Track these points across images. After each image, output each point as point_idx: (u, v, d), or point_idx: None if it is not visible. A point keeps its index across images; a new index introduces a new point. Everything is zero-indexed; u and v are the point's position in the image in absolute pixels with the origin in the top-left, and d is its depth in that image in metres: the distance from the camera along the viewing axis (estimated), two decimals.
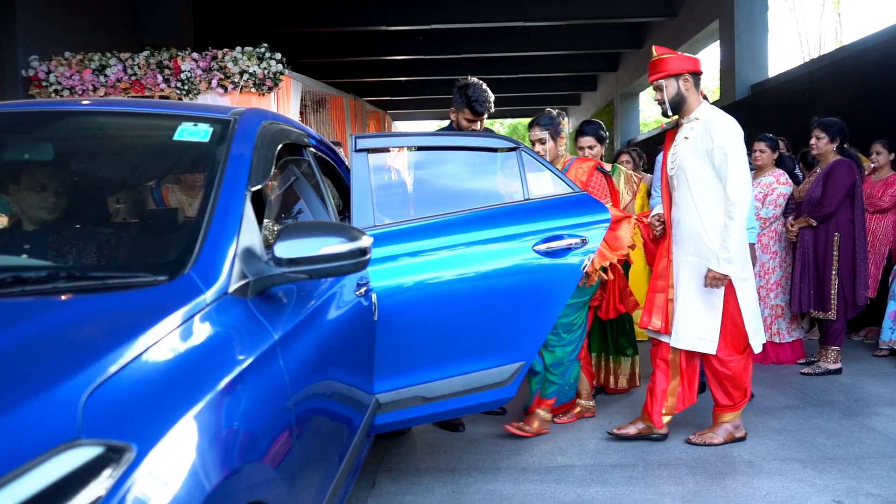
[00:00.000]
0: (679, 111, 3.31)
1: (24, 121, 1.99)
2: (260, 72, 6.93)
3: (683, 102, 3.27)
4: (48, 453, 0.86)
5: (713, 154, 3.15)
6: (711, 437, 3.37)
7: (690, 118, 3.29)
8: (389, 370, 2.62)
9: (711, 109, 3.29)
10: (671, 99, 3.27)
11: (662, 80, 3.27)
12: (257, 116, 2.10)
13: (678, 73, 3.24)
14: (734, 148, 3.13)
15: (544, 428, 3.53)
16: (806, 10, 30.30)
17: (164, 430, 1.01)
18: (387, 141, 3.06)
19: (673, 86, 3.26)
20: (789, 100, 8.26)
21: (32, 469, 0.84)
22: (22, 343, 1.04)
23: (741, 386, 3.33)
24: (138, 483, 0.93)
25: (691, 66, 3.27)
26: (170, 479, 0.98)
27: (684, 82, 3.26)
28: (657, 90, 3.31)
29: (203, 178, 3.33)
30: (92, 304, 1.24)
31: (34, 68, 7.00)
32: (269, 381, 1.38)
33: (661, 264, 3.37)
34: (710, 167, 3.17)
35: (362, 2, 11.28)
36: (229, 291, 1.42)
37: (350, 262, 1.64)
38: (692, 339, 3.25)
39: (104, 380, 0.99)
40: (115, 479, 0.90)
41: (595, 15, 11.73)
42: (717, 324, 3.22)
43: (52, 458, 0.86)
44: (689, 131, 3.28)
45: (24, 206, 1.80)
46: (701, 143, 3.20)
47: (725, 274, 3.13)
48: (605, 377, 4.28)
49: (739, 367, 3.28)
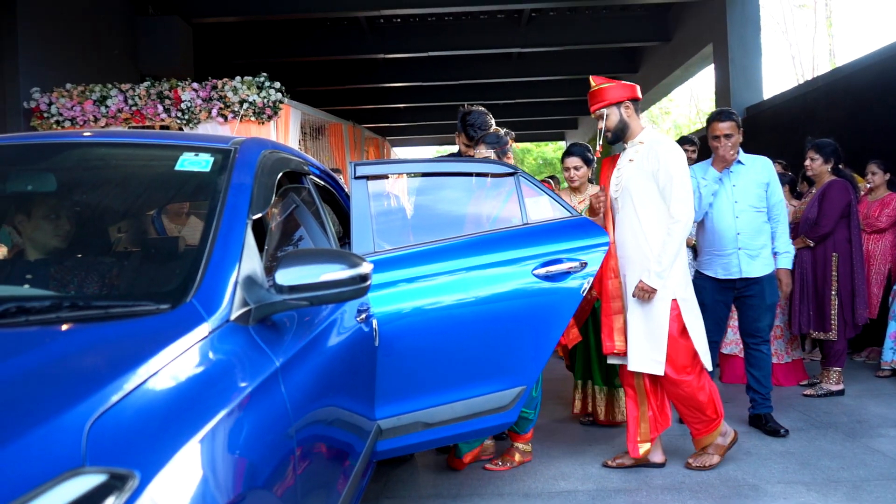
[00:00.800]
0: (622, 138, 3.37)
1: (29, 153, 2.02)
2: (259, 101, 6.99)
3: (626, 129, 3.34)
4: (53, 481, 0.87)
5: (658, 175, 3.20)
6: (708, 459, 3.33)
7: (634, 142, 3.35)
8: (391, 396, 2.61)
9: (655, 133, 3.38)
10: (615, 127, 3.33)
11: (604, 110, 3.33)
12: (257, 145, 2.13)
13: (619, 102, 3.31)
14: (679, 169, 3.19)
15: (526, 457, 3.47)
16: (798, 33, 30.62)
17: (167, 458, 1.01)
18: (386, 168, 3.09)
19: (615, 114, 3.32)
20: (785, 121, 8.33)
21: (37, 497, 0.85)
22: (26, 372, 1.05)
23: (701, 406, 3.27)
24: None
25: (631, 94, 3.34)
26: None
27: (625, 109, 3.32)
28: (599, 119, 3.36)
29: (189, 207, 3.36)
30: (95, 333, 1.25)
31: (36, 100, 7.07)
32: (271, 408, 1.39)
33: (612, 285, 3.35)
34: (655, 189, 3.22)
35: (360, 30, 11.42)
36: (231, 319, 1.43)
37: (351, 289, 1.65)
38: (644, 361, 3.23)
39: (108, 408, 1.00)
40: None
41: (591, 40, 11.87)
42: (664, 344, 3.19)
43: (56, 486, 0.87)
44: (634, 154, 3.32)
45: (33, 235, 1.81)
46: (647, 164, 3.24)
47: (654, 287, 3.14)
48: (592, 407, 4.14)
49: (693, 388, 3.23)
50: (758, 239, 3.82)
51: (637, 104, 3.37)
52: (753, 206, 3.81)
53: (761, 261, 3.82)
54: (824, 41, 23.00)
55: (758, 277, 3.81)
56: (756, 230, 3.82)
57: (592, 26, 11.63)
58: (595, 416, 4.14)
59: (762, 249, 3.83)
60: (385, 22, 11.51)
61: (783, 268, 3.92)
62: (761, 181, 3.83)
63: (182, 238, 2.30)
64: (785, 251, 3.91)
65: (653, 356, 3.21)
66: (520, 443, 3.49)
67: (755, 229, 3.82)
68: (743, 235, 3.80)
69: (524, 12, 10.87)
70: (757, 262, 3.81)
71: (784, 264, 3.91)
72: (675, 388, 3.25)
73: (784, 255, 3.91)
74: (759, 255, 3.82)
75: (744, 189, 3.81)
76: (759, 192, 3.82)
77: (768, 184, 3.84)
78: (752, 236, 3.81)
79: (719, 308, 3.92)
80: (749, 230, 3.80)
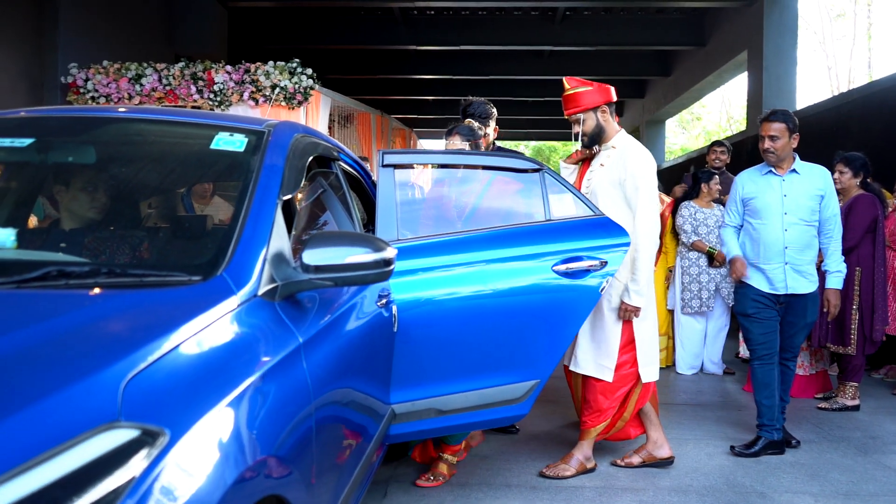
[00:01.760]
0: (598, 142, 3.35)
1: (71, 125, 2.09)
2: (291, 86, 7.07)
3: (602, 133, 3.33)
4: (90, 432, 0.93)
5: (625, 184, 3.20)
6: (564, 469, 3.28)
7: (608, 146, 3.34)
8: (406, 381, 2.66)
9: (628, 139, 3.35)
10: (591, 132, 3.32)
11: (581, 114, 3.31)
12: (290, 129, 2.18)
13: (596, 107, 3.30)
14: (646, 181, 3.19)
15: (453, 470, 3.29)
16: (836, 44, 30.18)
17: (195, 419, 1.07)
18: (413, 157, 3.13)
19: (592, 118, 3.31)
20: (817, 132, 8.24)
21: (75, 446, 0.90)
22: (67, 331, 1.11)
23: (601, 406, 3.27)
24: (169, 466, 0.99)
25: (607, 97, 3.32)
26: (198, 465, 1.04)
27: (602, 114, 3.31)
28: (574, 123, 3.34)
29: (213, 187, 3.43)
30: (131, 298, 1.31)
31: (73, 75, 7.20)
32: (293, 382, 1.44)
33: None
34: (622, 196, 3.22)
35: (393, 21, 11.47)
36: (259, 294, 1.48)
37: (374, 272, 1.70)
38: (593, 366, 3.24)
39: (142, 369, 1.06)
40: (149, 460, 0.96)
41: (624, 42, 11.82)
42: (616, 351, 3.22)
43: (93, 437, 0.93)
44: (606, 159, 3.32)
45: (70, 206, 1.88)
46: (615, 171, 3.25)
47: (637, 305, 3.16)
48: None
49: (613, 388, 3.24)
50: (806, 254, 3.63)
51: (612, 107, 3.36)
52: (804, 219, 3.60)
53: (806, 277, 3.63)
54: (863, 54, 22.65)
55: (803, 294, 3.64)
56: (805, 245, 3.62)
57: (626, 28, 11.58)
58: None
59: (810, 265, 3.64)
60: (418, 13, 11.55)
61: (832, 288, 3.68)
62: (816, 193, 3.61)
63: (211, 216, 2.36)
64: (836, 270, 3.67)
65: (604, 362, 3.24)
66: (448, 454, 3.24)
67: (804, 244, 3.62)
68: (791, 250, 3.60)
69: (559, 10, 10.85)
70: (804, 278, 3.62)
71: (833, 284, 3.68)
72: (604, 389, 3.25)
73: (834, 275, 3.67)
74: (807, 271, 3.63)
75: (795, 200, 3.60)
76: (812, 205, 3.60)
77: (823, 196, 3.61)
78: (801, 251, 3.61)
79: (767, 322, 3.67)
80: (798, 244, 3.60)
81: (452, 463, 3.27)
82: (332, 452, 1.72)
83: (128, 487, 0.92)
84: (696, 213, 5.58)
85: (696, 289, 5.57)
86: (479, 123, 3.75)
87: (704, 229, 5.55)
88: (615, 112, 3.39)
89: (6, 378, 0.95)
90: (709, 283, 5.55)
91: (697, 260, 5.57)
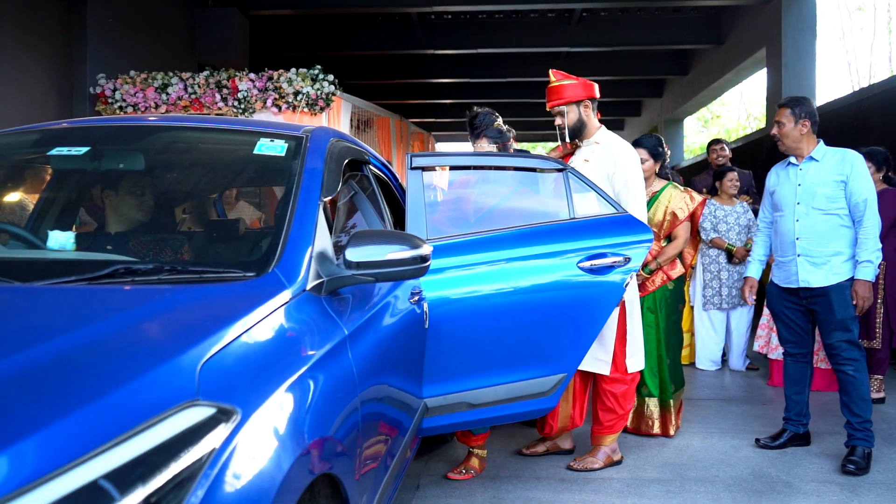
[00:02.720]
0: (579, 136, 3.40)
1: (122, 134, 2.21)
2: (313, 92, 7.20)
3: (584, 127, 3.38)
4: (174, 409, 1.03)
5: (614, 178, 3.27)
6: (592, 462, 3.34)
7: (590, 142, 3.40)
8: (438, 376, 2.75)
9: (610, 134, 3.41)
10: (573, 125, 3.37)
11: (564, 107, 3.36)
12: (326, 134, 2.29)
13: (579, 100, 3.36)
14: (635, 174, 3.26)
15: (484, 464, 3.36)
16: (856, 38, 29.89)
17: (262, 400, 1.17)
18: (440, 160, 3.22)
19: (574, 112, 3.37)
20: (837, 128, 8.23)
21: (162, 421, 1.01)
22: (144, 321, 1.22)
23: (624, 406, 3.37)
24: (242, 441, 1.09)
25: (590, 92, 3.38)
26: (266, 440, 1.14)
27: (584, 108, 3.37)
28: (557, 115, 3.39)
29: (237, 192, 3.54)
30: (194, 293, 1.42)
31: (101, 85, 7.39)
32: (341, 370, 1.54)
33: None
34: (611, 190, 3.27)
35: (411, 25, 11.59)
36: (307, 289, 1.59)
37: (411, 268, 1.80)
38: (589, 361, 3.27)
39: (213, 353, 1.16)
40: (225, 435, 1.07)
41: (641, 42, 11.84)
42: (611, 344, 3.28)
43: (177, 414, 1.03)
44: (590, 154, 3.38)
45: (127, 210, 2.00)
46: (602, 166, 3.30)
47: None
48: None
49: (625, 388, 3.34)
50: (826, 245, 3.40)
51: (595, 103, 3.42)
52: (819, 208, 3.40)
53: (827, 270, 3.40)
54: (883, 48, 22.43)
55: (821, 288, 3.41)
56: (823, 235, 3.40)
57: (643, 27, 11.59)
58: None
59: (833, 257, 3.39)
60: (436, 18, 11.66)
61: (861, 279, 3.34)
62: (835, 179, 3.39)
63: (241, 220, 2.47)
64: (865, 260, 3.33)
65: (600, 356, 3.29)
66: (474, 446, 3.30)
67: (822, 234, 3.41)
68: (803, 240, 3.44)
69: (575, 12, 10.90)
70: (821, 270, 3.41)
71: (862, 275, 3.33)
72: (610, 386, 3.34)
73: (863, 265, 3.33)
74: (827, 262, 3.40)
75: (809, 189, 3.43)
76: (829, 192, 3.39)
77: (845, 182, 3.37)
78: (817, 241, 3.41)
79: (792, 317, 3.59)
80: (811, 234, 3.42)
81: (483, 457, 3.35)
82: (374, 442, 1.82)
83: (210, 458, 1.02)
84: (715, 211, 5.63)
85: (717, 285, 5.63)
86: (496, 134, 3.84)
87: (724, 226, 5.60)
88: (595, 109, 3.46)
89: (97, 364, 1.06)
90: (728, 280, 5.59)
91: (717, 257, 5.62)
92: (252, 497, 1.06)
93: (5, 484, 0.81)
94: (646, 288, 3.74)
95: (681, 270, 3.87)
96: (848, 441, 3.42)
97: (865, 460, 3.33)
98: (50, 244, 1.82)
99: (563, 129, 3.40)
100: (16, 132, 2.27)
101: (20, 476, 0.82)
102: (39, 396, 0.95)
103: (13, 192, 2.31)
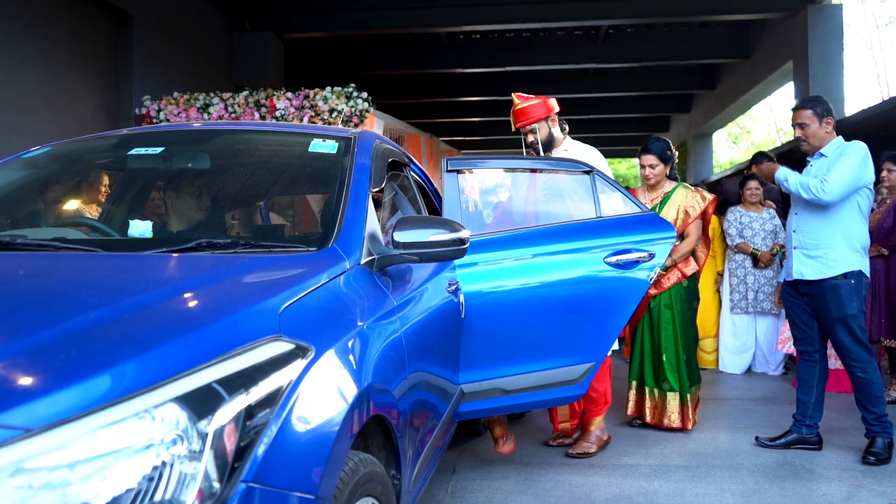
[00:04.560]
0: (550, 148, 3.70)
1: (189, 137, 2.47)
2: (347, 109, 7.50)
3: (553, 140, 3.70)
4: (262, 340, 1.26)
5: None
6: (588, 447, 3.51)
7: (559, 150, 3.70)
8: (473, 363, 2.93)
9: (575, 142, 3.74)
10: (545, 140, 3.68)
11: (535, 125, 3.66)
12: (371, 136, 2.52)
13: (546, 116, 3.66)
14: (605, 172, 3.44)
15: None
16: (885, 51, 29.65)
17: (332, 343, 1.40)
18: (474, 163, 3.44)
19: (545, 127, 3.69)
20: (865, 138, 8.27)
21: (253, 349, 1.23)
22: (230, 277, 1.46)
23: (599, 389, 3.53)
24: (315, 374, 1.31)
25: (551, 108, 3.70)
26: (335, 376, 1.36)
27: (552, 122, 3.69)
28: (529, 133, 3.68)
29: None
30: (269, 260, 1.65)
31: (146, 107, 7.77)
32: (393, 334, 1.76)
33: None
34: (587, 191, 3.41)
35: (440, 45, 11.90)
36: (361, 263, 1.80)
37: (452, 249, 2.01)
38: None
39: (291, 303, 1.39)
40: (302, 367, 1.28)
41: (668, 56, 11.99)
42: None
43: (264, 345, 1.25)
44: None
45: (194, 203, 2.26)
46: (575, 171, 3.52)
47: None
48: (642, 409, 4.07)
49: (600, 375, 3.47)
50: (818, 237, 3.44)
51: (556, 116, 3.73)
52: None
53: (821, 263, 3.43)
54: None
55: (815, 282, 3.46)
56: (816, 227, 3.45)
57: (670, 42, 11.75)
58: (643, 417, 4.08)
59: (828, 250, 3.42)
60: (464, 37, 11.96)
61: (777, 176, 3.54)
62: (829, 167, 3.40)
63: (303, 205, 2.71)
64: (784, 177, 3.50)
65: None
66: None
67: (815, 226, 3.45)
68: (799, 233, 3.52)
69: (601, 28, 11.11)
70: (815, 263, 3.45)
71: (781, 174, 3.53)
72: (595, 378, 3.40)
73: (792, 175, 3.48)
74: (821, 256, 3.43)
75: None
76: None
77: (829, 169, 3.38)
78: (811, 234, 3.47)
79: (797, 313, 3.65)
80: (806, 227, 3.49)
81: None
82: (414, 421, 2.00)
83: (289, 385, 1.23)
84: (741, 217, 5.77)
85: (744, 290, 5.75)
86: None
87: (749, 232, 5.73)
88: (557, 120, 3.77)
89: (204, 303, 1.29)
90: (755, 284, 5.71)
91: (744, 261, 5.75)
92: (323, 420, 1.27)
93: (145, 378, 1.05)
94: (661, 285, 3.90)
95: (695, 268, 4.02)
96: (867, 433, 3.51)
97: (886, 450, 3.42)
98: (131, 232, 2.06)
99: (536, 145, 3.71)
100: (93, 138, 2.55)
101: (154, 374, 1.06)
102: (167, 323, 1.20)
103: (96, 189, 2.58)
